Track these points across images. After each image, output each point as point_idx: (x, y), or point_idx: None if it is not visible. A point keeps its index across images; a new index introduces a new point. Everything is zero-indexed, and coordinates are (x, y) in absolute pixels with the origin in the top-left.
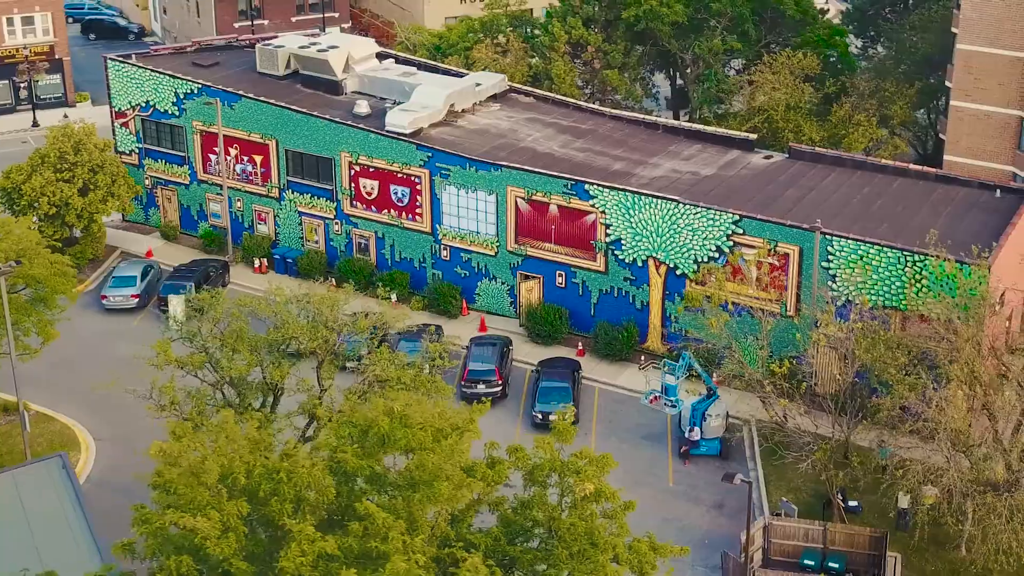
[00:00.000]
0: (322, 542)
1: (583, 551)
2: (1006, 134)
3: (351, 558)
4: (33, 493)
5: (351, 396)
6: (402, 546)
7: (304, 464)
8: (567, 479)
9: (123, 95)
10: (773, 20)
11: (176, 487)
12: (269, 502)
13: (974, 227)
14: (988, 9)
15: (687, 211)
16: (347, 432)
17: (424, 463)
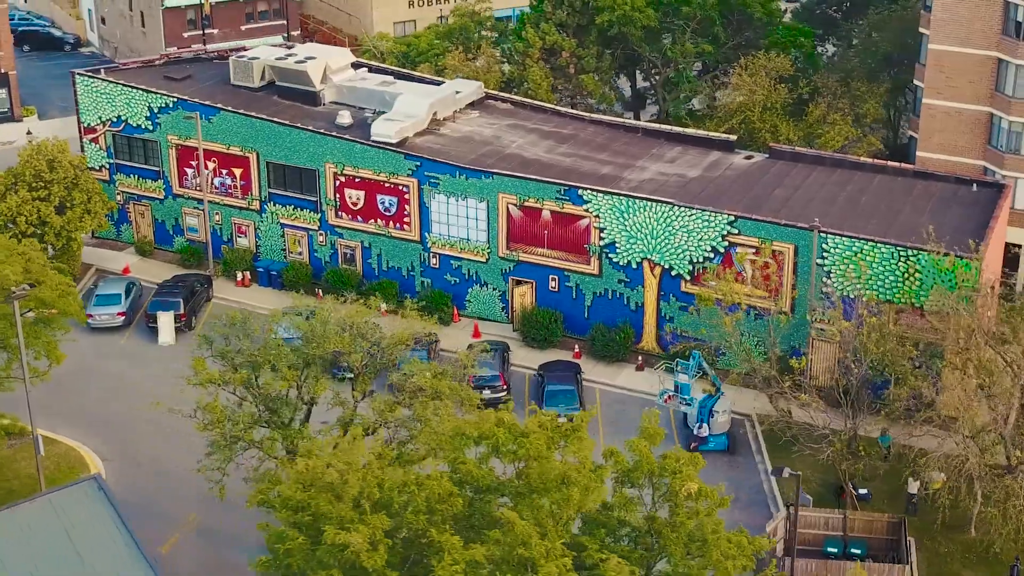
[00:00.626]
0: (471, 550)
1: (697, 548)
2: (977, 130)
3: (495, 564)
4: (75, 517)
5: (386, 405)
6: (545, 551)
7: (434, 476)
8: (662, 479)
9: (92, 110)
10: (740, 22)
11: (317, 504)
12: (404, 514)
13: (957, 221)
14: (959, 10)
15: (682, 213)
16: (460, 443)
17: (546, 470)
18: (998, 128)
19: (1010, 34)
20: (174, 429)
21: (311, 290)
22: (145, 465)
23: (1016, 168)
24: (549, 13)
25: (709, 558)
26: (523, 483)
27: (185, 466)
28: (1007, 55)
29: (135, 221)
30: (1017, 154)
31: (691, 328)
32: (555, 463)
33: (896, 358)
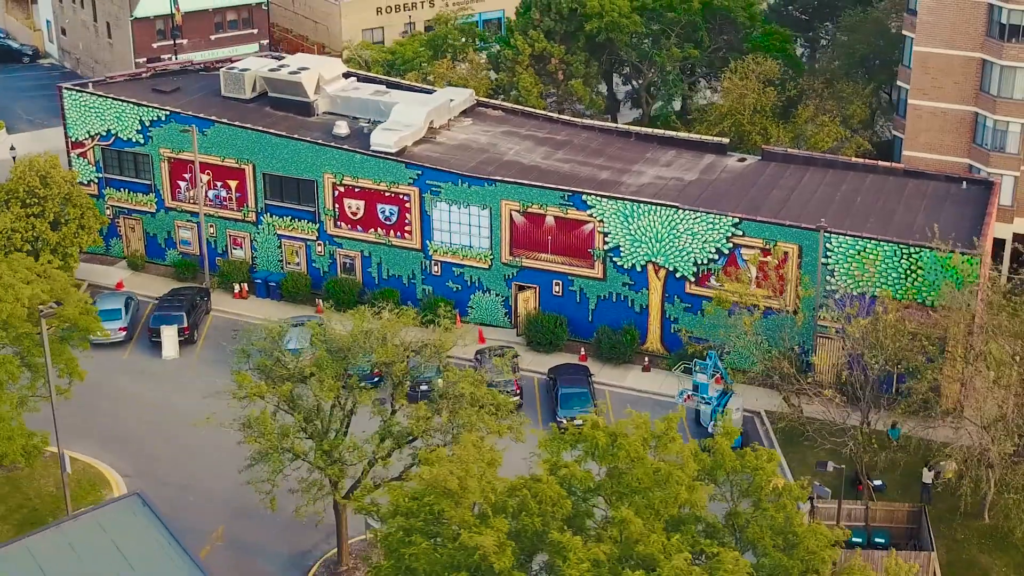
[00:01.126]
0: (593, 549)
1: (784, 541)
2: (962, 129)
3: (615, 562)
4: (123, 532)
5: (425, 413)
6: (662, 547)
7: (546, 479)
8: (743, 475)
9: (80, 125)
10: (722, 26)
11: (440, 508)
12: (520, 517)
13: (952, 218)
14: (944, 13)
15: (687, 216)
16: (557, 447)
17: (648, 470)
18: (983, 127)
19: (994, 35)
20: (191, 444)
21: (310, 300)
22: (166, 481)
23: (1001, 165)
24: (537, 20)
25: (801, 550)
26: (623, 483)
27: (206, 480)
28: (991, 56)
29: (125, 235)
30: (1002, 152)
31: (697, 329)
32: (651, 462)
33: (911, 353)
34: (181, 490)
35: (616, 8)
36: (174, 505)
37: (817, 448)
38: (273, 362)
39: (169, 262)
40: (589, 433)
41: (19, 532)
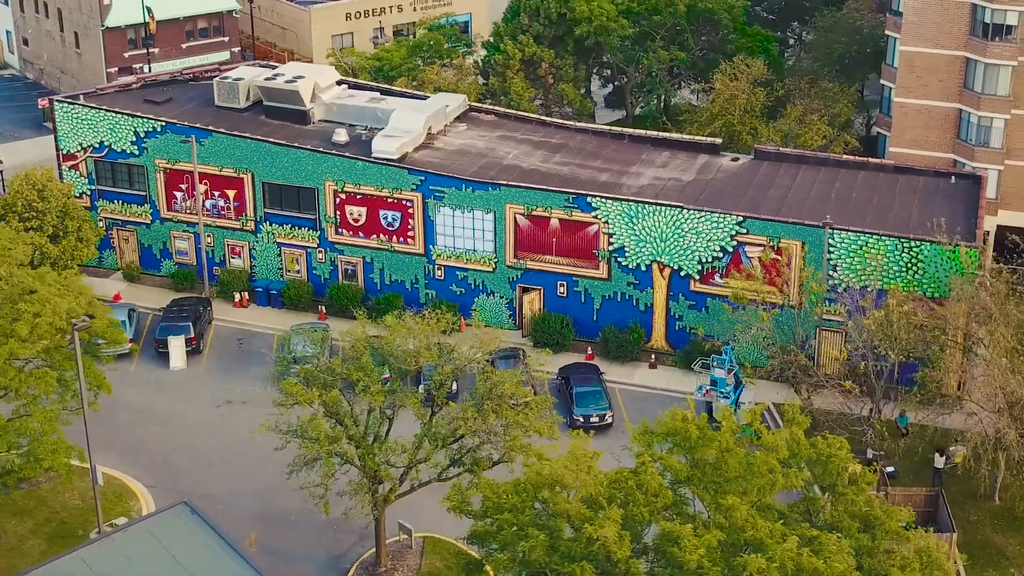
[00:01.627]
0: (705, 536)
1: (869, 523)
2: (947, 125)
3: (724, 548)
4: (176, 540)
5: (471, 412)
6: (769, 531)
7: (650, 471)
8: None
9: (72, 137)
10: (704, 28)
11: (554, 502)
12: (627, 507)
13: (945, 212)
14: (928, 14)
15: (691, 215)
16: (650, 440)
17: (741, 459)
18: (967, 123)
19: (978, 34)
20: (208, 453)
21: (313, 308)
22: (190, 491)
23: (985, 160)
24: (526, 25)
25: (881, 531)
26: (717, 473)
27: (229, 489)
28: (975, 54)
29: (118, 247)
30: (986, 147)
31: (703, 325)
32: (743, 453)
33: (922, 343)
34: (206, 499)
35: (604, 12)
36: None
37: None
38: (318, 369)
39: (165, 273)
40: (680, 426)
41: (50, 545)
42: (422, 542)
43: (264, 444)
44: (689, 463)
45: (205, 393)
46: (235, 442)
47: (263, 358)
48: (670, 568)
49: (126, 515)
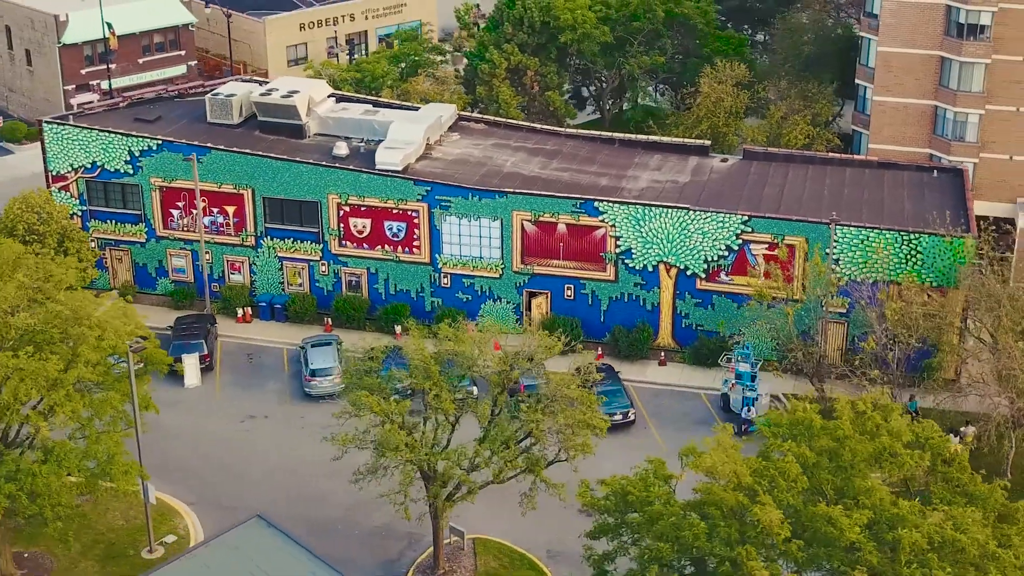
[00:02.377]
0: (855, 514)
1: (973, 497)
2: (923, 121)
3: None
4: (256, 552)
5: (533, 411)
6: (908, 508)
7: (788, 459)
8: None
9: (62, 158)
10: (680, 33)
11: (712, 492)
12: (772, 492)
13: (935, 204)
14: (905, 15)
15: (698, 216)
16: (775, 431)
17: (867, 446)
18: (943, 119)
19: (952, 34)
20: (239, 468)
21: (318, 320)
22: (230, 505)
23: (961, 154)
24: (510, 34)
25: (990, 503)
26: (840, 458)
27: (268, 502)
28: (951, 53)
29: (111, 267)
30: (962, 141)
31: (709, 322)
32: (861, 439)
33: (941, 332)
34: (252, 513)
35: (587, 20)
36: None
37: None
38: (384, 381)
39: (161, 291)
40: (805, 416)
41: (103, 567)
42: (472, 543)
43: (295, 457)
44: (814, 450)
45: (225, 409)
46: (265, 456)
47: (279, 374)
48: (823, 547)
49: (173, 532)
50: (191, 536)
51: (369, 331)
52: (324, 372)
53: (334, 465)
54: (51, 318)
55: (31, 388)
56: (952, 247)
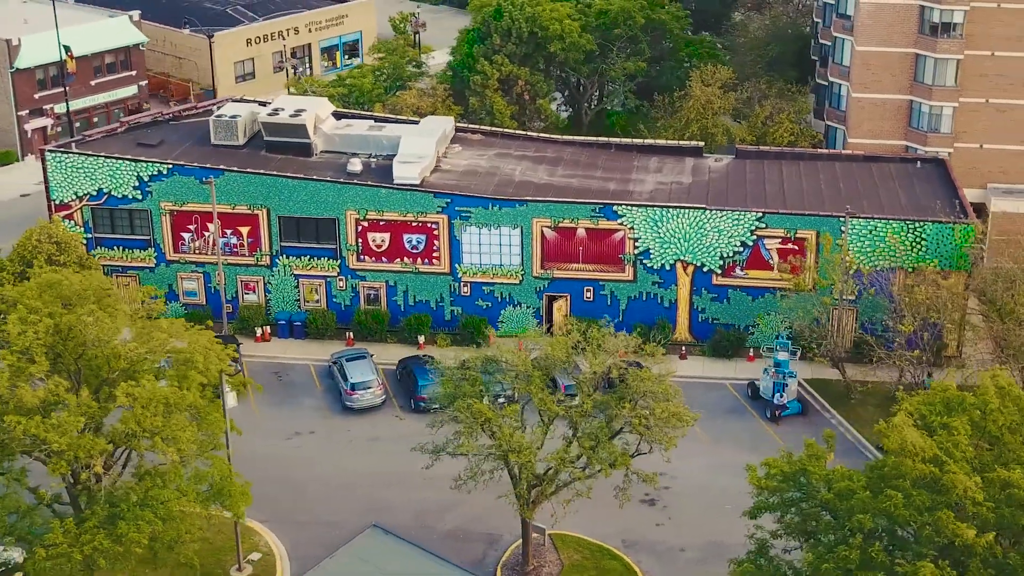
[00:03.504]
0: None
1: None
2: (899, 115)
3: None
4: (381, 558)
5: (630, 407)
6: None
7: (960, 433)
8: None
9: (66, 187)
10: (658, 39)
11: (903, 465)
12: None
13: (927, 193)
14: (881, 16)
15: (714, 215)
16: (930, 408)
17: None
18: (919, 112)
19: (926, 33)
20: (300, 483)
21: (338, 335)
22: (303, 520)
23: (937, 144)
24: (498, 45)
25: None
26: (993, 430)
27: (338, 514)
28: (925, 51)
29: None
30: (937, 132)
31: (724, 316)
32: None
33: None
34: (325, 526)
35: (573, 30)
36: (325, 542)
37: (868, 406)
38: (483, 390)
39: (172, 316)
40: (955, 393)
41: None
42: (551, 539)
43: (349, 469)
44: (974, 427)
45: (269, 427)
46: (321, 470)
47: (311, 390)
48: (1011, 508)
49: (256, 550)
50: (275, 553)
51: (391, 343)
52: (364, 385)
53: (390, 476)
54: (157, 346)
55: (153, 415)
56: (956, 233)
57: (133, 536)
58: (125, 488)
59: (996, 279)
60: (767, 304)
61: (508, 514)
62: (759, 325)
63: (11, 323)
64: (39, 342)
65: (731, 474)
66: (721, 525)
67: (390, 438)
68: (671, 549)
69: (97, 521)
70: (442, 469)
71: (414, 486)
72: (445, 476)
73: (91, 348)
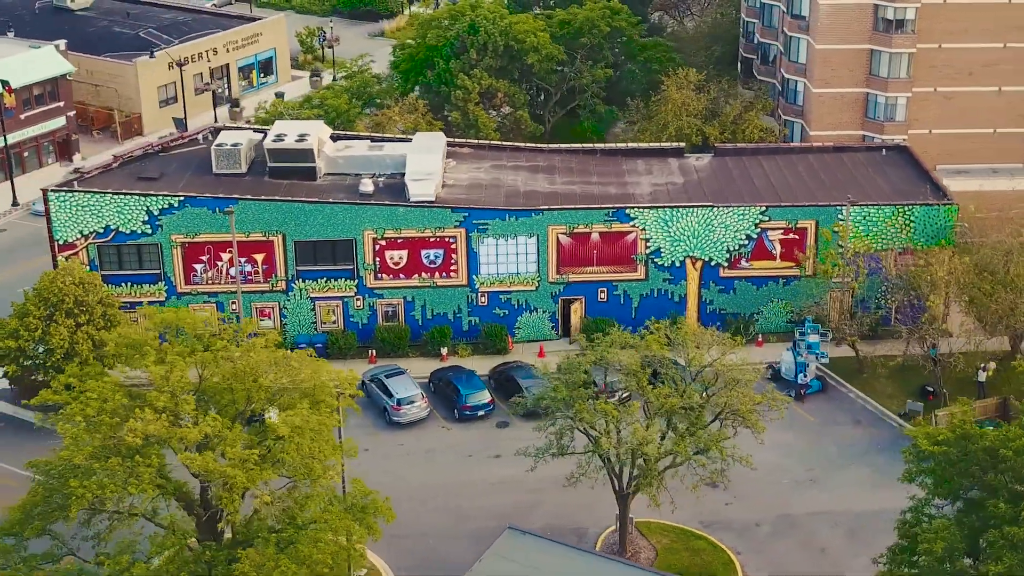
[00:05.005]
0: None
1: None
2: (856, 107)
3: None
4: (527, 557)
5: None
6: None
7: None
8: None
9: (70, 226)
10: (614, 45)
11: None
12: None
13: (903, 177)
14: (839, 16)
15: (720, 212)
16: None
17: None
18: (875, 103)
19: (879, 30)
20: None
21: (360, 354)
22: (400, 535)
23: (893, 132)
24: (475, 59)
25: None
26: None
27: (431, 524)
28: (881, 46)
29: None
30: (893, 121)
31: (731, 306)
32: None
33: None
34: (418, 538)
35: (546, 41)
36: (420, 553)
37: (880, 379)
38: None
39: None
40: None
41: None
42: (637, 528)
43: (414, 481)
44: None
45: None
46: (389, 484)
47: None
48: None
49: (360, 566)
50: (380, 568)
51: (413, 357)
52: (409, 400)
53: (458, 484)
54: (293, 376)
55: (312, 442)
56: (941, 213)
57: (317, 557)
58: (288, 513)
59: (995, 252)
60: (771, 292)
61: (587, 509)
62: (763, 312)
63: (150, 367)
64: (182, 382)
65: (777, 451)
66: (783, 499)
67: (443, 448)
68: (747, 525)
69: (274, 549)
70: (506, 471)
71: (484, 492)
72: (511, 480)
73: (238, 382)
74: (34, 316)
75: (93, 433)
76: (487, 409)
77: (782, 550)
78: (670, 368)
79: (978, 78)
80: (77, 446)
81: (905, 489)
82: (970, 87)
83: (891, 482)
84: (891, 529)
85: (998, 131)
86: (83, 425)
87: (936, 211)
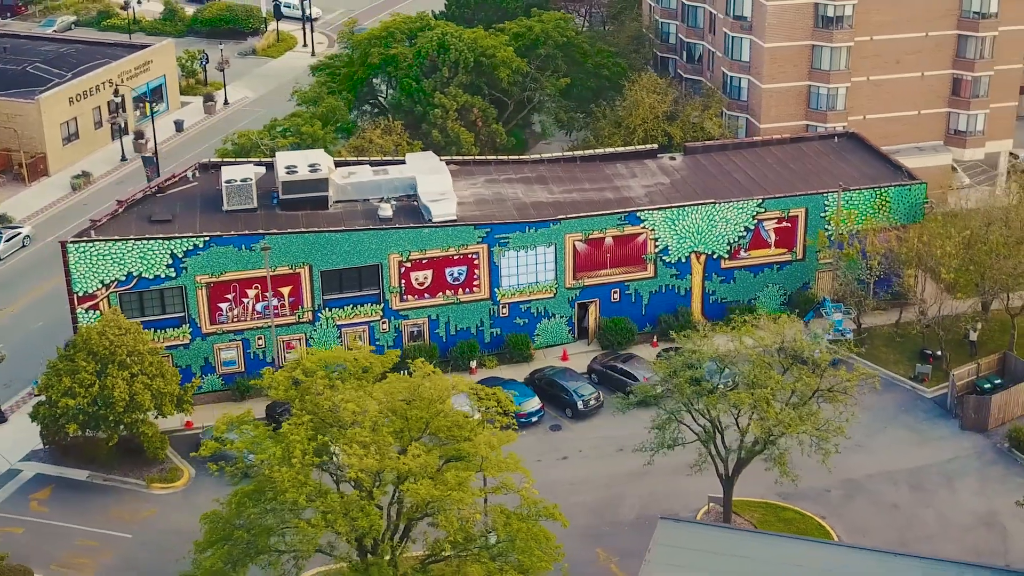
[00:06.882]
0: None
1: None
2: (800, 99)
3: None
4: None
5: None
6: None
7: None
8: None
9: (91, 277)
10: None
11: None
12: None
13: (861, 161)
14: (784, 15)
15: (722, 207)
16: None
17: None
18: (817, 95)
19: (820, 26)
20: None
21: None
22: None
23: (835, 120)
24: (447, 77)
25: None
26: None
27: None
28: (823, 42)
29: None
30: (835, 110)
31: (731, 294)
32: None
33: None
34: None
35: (514, 59)
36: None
37: (879, 347)
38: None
39: (208, 389)
40: None
41: None
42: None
43: None
44: None
45: None
46: None
47: None
48: None
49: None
50: None
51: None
52: None
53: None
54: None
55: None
56: (913, 192)
57: (533, 564)
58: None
59: (995, 217)
60: (767, 278)
61: (669, 496)
62: (759, 297)
63: (341, 404)
64: (382, 416)
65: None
66: (840, 466)
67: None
68: (819, 492)
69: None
70: (577, 472)
71: (568, 492)
72: (586, 480)
73: (414, 409)
74: (86, 372)
75: (307, 474)
76: (539, 415)
77: (859, 511)
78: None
79: (904, 65)
80: (298, 489)
81: (945, 443)
82: (897, 74)
83: (928, 439)
84: (947, 480)
85: (921, 112)
86: (297, 466)
87: (908, 190)
